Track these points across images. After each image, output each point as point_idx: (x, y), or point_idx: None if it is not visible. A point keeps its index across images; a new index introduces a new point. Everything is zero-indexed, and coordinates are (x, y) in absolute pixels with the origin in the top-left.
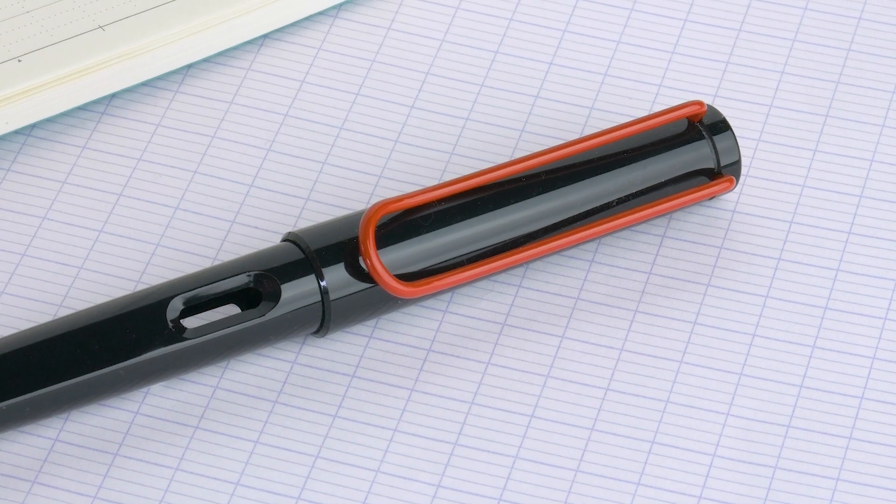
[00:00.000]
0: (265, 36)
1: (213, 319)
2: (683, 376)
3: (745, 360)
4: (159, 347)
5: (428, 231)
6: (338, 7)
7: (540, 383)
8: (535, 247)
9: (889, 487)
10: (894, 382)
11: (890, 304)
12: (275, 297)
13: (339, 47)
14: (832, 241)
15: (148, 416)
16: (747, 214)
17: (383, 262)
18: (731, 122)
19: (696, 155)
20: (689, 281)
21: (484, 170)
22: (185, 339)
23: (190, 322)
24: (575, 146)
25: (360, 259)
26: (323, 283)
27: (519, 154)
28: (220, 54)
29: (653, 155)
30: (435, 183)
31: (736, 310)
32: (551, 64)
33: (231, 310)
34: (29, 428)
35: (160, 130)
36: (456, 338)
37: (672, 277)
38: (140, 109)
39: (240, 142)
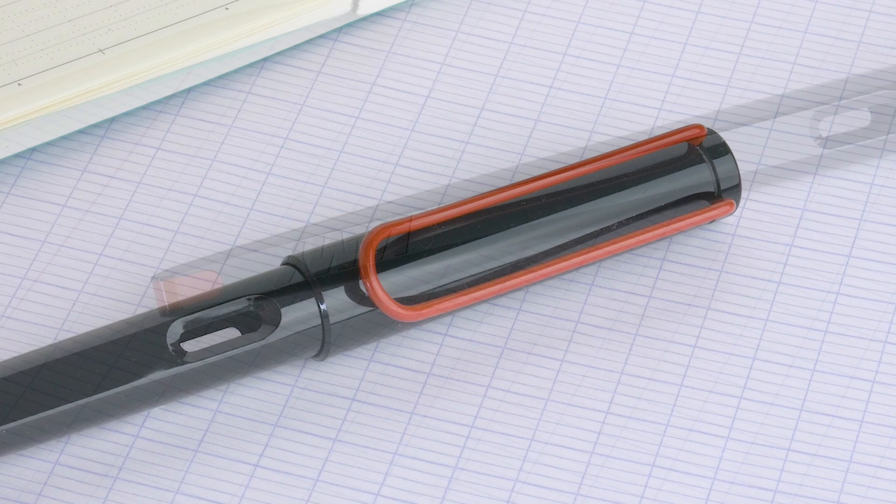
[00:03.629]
0: (265, 59)
1: (214, 343)
2: (684, 399)
3: (746, 384)
4: (159, 371)
5: (428, 255)
6: (338, 31)
7: (540, 407)
8: (536, 270)
9: None
10: (895, 406)
11: (890, 328)
12: (275, 320)
13: (339, 71)
14: (832, 265)
15: (148, 439)
16: (747, 238)
17: (383, 285)
18: (731, 146)
19: (696, 178)
20: (689, 304)
21: (484, 193)
22: (186, 362)
23: (190, 346)
24: (575, 170)
25: (361, 283)
26: (323, 307)
27: (519, 178)
28: (220, 78)
29: (653, 178)
30: (435, 207)
31: (736, 333)
32: (551, 87)
33: (231, 333)
34: (29, 451)
35: (160, 154)
36: (456, 361)
37: (672, 301)
38: (140, 133)
39: (240, 165)
